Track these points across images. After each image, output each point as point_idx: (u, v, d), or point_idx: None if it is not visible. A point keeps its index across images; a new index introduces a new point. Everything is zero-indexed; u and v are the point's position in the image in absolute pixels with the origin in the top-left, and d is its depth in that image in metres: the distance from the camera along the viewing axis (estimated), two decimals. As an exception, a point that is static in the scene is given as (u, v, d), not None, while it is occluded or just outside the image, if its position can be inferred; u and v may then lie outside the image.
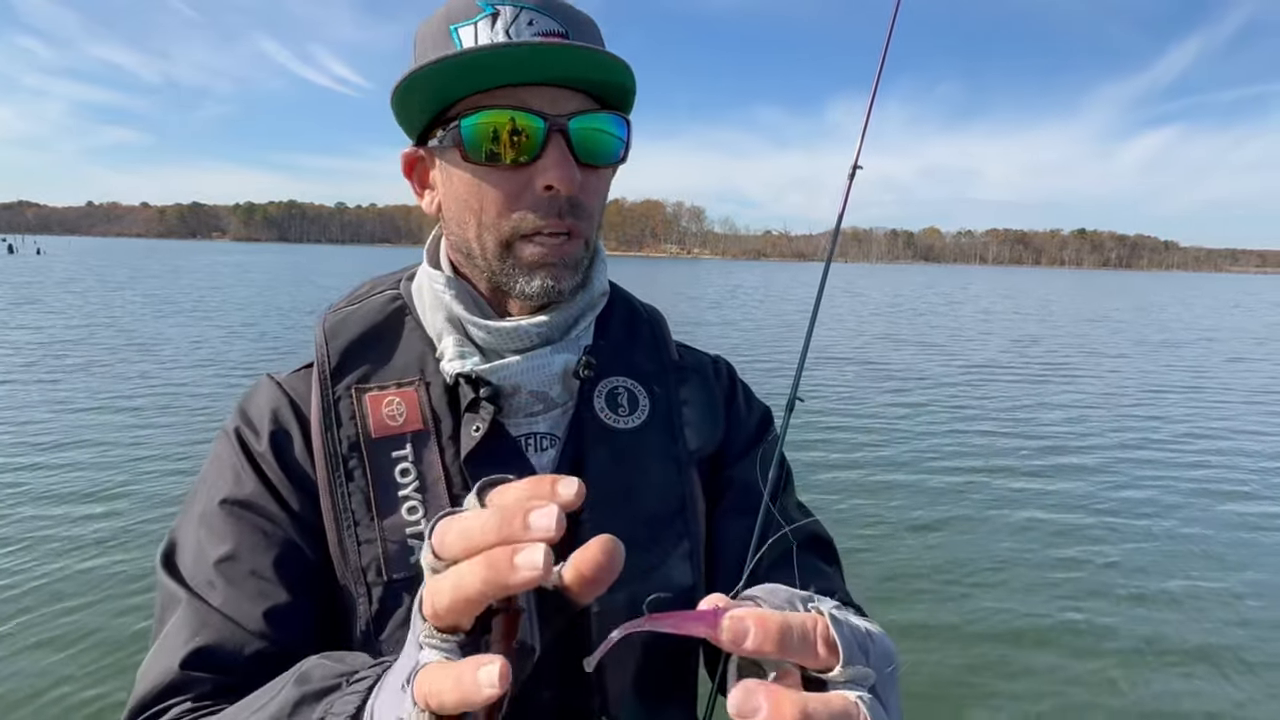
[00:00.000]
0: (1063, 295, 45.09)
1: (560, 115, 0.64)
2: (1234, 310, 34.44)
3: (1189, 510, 5.79)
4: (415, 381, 0.71)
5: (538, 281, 0.67)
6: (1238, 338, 20.31)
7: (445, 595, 0.34)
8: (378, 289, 0.78)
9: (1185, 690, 3.41)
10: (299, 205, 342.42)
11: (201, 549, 0.65)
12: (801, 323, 17.40)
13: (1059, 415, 9.15)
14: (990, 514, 5.59)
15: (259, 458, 0.68)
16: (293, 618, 0.64)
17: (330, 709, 0.45)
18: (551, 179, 0.64)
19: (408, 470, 0.67)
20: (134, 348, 12.01)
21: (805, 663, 0.36)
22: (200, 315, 17.59)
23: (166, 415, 7.70)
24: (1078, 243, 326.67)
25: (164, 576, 0.65)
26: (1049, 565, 4.72)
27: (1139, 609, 4.18)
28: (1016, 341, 17.54)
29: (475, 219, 0.67)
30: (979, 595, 4.30)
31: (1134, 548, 5.02)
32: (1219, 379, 12.48)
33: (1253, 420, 9.16)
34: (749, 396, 0.87)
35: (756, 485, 0.77)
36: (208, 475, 0.69)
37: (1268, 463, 7.22)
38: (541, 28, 0.64)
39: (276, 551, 0.65)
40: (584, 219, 0.68)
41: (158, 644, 0.62)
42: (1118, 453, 7.46)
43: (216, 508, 0.66)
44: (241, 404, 0.73)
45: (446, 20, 0.66)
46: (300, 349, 12.26)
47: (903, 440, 7.69)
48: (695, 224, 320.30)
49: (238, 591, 0.63)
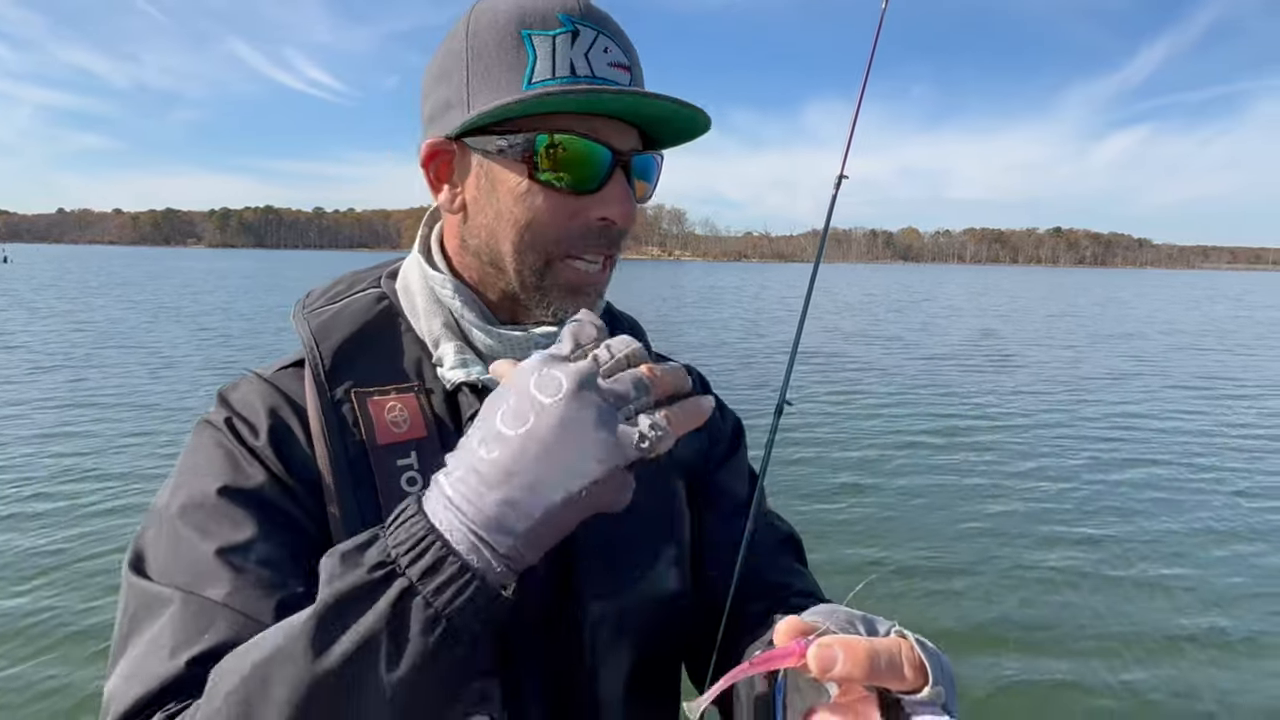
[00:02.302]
0: (1032, 292, 45.81)
1: (625, 151, 0.65)
2: (1192, 305, 35.37)
3: (1098, 477, 6.17)
4: (415, 387, 0.68)
5: (571, 306, 0.68)
6: (1184, 331, 20.99)
7: None
8: (358, 286, 0.75)
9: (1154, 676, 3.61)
10: (276, 211, 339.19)
11: (193, 543, 0.59)
12: (785, 328, 17.67)
13: (996, 398, 9.53)
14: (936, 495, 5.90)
15: (258, 450, 0.64)
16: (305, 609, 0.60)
17: (392, 542, 0.46)
18: (613, 214, 0.65)
19: (415, 479, 0.65)
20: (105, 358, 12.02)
21: (891, 685, 0.38)
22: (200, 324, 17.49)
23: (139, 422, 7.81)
24: (1053, 241, 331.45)
25: (136, 580, 0.59)
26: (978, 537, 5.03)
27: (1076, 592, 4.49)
28: (986, 335, 17.99)
29: (519, 233, 0.66)
30: (919, 579, 4.57)
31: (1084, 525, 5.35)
32: (1159, 367, 12.99)
33: (1184, 404, 9.67)
34: (722, 406, 0.88)
35: (736, 492, 0.81)
36: (192, 467, 0.64)
37: (1186, 439, 7.82)
38: (614, 58, 0.65)
39: (287, 540, 0.61)
40: (620, 249, 0.70)
41: (140, 649, 0.55)
42: (1051, 430, 7.85)
43: (213, 497, 0.61)
44: (226, 397, 0.69)
45: (519, 21, 0.63)
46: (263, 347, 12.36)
47: (871, 433, 8.00)
48: (676, 226, 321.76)
49: (245, 583, 0.57)
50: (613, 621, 0.68)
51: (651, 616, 0.71)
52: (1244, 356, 15.16)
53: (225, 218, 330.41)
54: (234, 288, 32.60)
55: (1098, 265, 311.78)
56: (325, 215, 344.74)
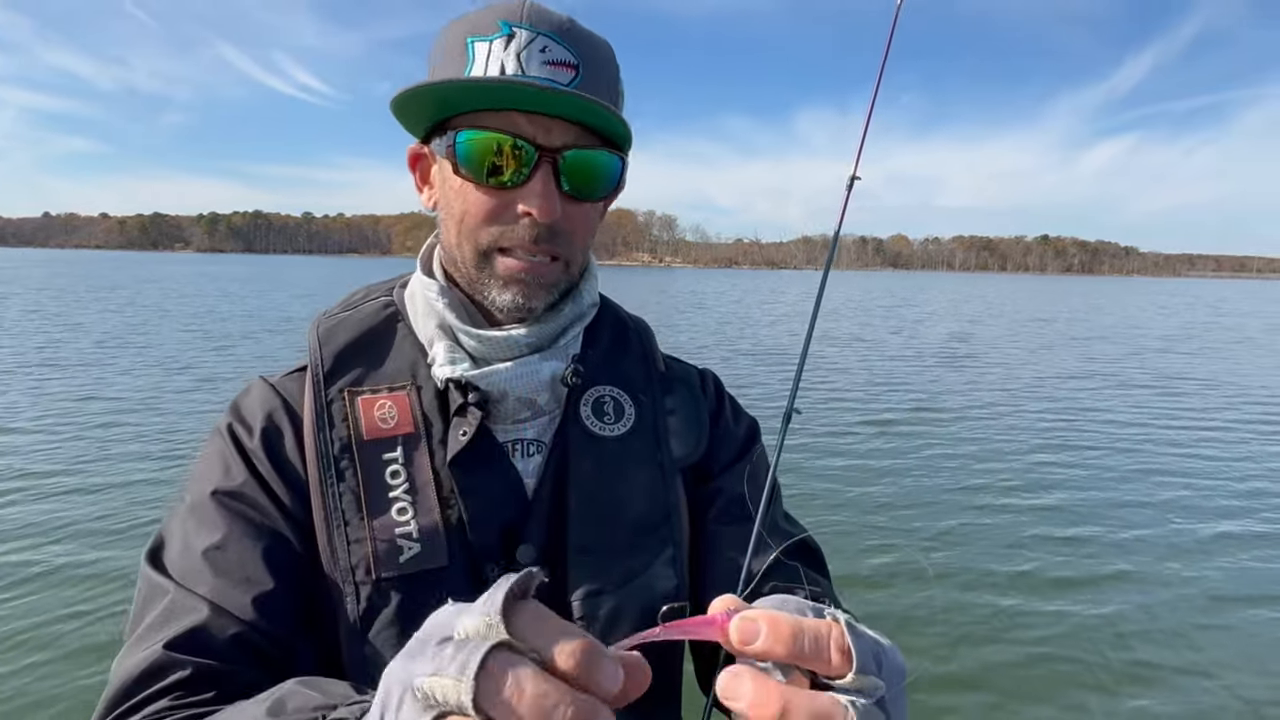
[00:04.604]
0: (1021, 302, 46.22)
1: (553, 147, 0.66)
2: (1160, 311, 35.84)
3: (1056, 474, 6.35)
4: (407, 386, 0.72)
5: (509, 295, 0.70)
6: (1150, 336, 21.32)
7: None
8: (371, 296, 0.80)
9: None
10: (265, 216, 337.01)
11: (189, 541, 0.65)
12: (772, 332, 17.75)
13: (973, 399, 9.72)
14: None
15: (250, 453, 0.69)
16: (281, 607, 0.64)
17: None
18: (532, 207, 0.66)
19: (398, 472, 0.68)
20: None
21: (817, 668, 0.35)
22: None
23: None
24: (1041, 249, 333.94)
25: (149, 570, 0.64)
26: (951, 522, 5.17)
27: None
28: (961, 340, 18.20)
29: (457, 225, 0.70)
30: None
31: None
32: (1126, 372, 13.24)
33: (1152, 407, 9.90)
34: (736, 409, 0.88)
35: (739, 495, 0.78)
36: (198, 471, 0.70)
37: (1135, 429, 7.95)
38: (553, 56, 0.66)
39: (265, 542, 0.65)
40: (564, 245, 0.70)
41: (137, 635, 0.61)
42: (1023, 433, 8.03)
43: (206, 499, 0.66)
44: (234, 402, 0.74)
45: (467, 30, 0.67)
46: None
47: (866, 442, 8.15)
48: (667, 232, 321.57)
49: (225, 580, 0.62)
50: (604, 621, 0.69)
51: (646, 616, 0.71)
52: (1197, 358, 15.44)
53: (214, 222, 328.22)
54: (247, 291, 32.44)
55: (1085, 273, 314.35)
56: (314, 220, 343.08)
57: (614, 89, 0.73)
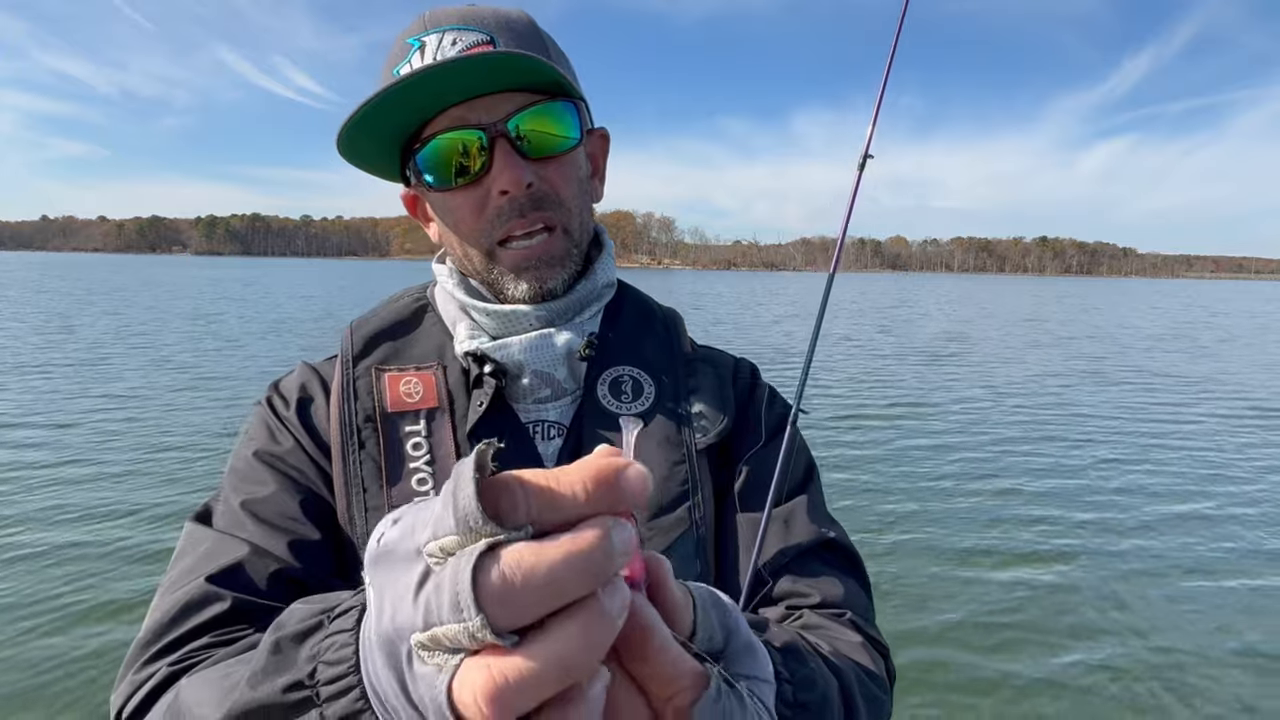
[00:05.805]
0: (1018, 305, 46.23)
1: (498, 120, 0.66)
2: (1151, 311, 35.97)
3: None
4: (434, 365, 0.74)
5: (524, 284, 0.72)
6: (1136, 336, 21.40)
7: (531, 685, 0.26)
8: (408, 294, 0.84)
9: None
10: (263, 218, 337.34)
11: (228, 497, 0.68)
12: (771, 332, 17.78)
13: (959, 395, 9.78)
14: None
15: (286, 420, 0.73)
16: (318, 552, 0.66)
17: (320, 655, 0.37)
18: (503, 184, 0.67)
19: (420, 444, 0.70)
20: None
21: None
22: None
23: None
24: (1040, 250, 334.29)
25: (190, 525, 0.67)
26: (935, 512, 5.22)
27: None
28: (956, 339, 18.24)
29: (457, 236, 0.72)
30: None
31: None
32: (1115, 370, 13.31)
33: (1131, 401, 10.01)
34: (772, 397, 0.85)
35: (760, 483, 0.76)
36: (243, 438, 0.74)
37: (1111, 419, 8.05)
38: (467, 42, 0.66)
39: (303, 496, 0.69)
40: (554, 208, 0.70)
41: (172, 579, 0.62)
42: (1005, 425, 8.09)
43: (247, 459, 0.71)
44: (276, 381, 0.79)
45: (391, 63, 0.70)
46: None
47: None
48: (665, 234, 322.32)
49: (265, 527, 0.65)
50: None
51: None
52: (1184, 356, 15.52)
53: (212, 225, 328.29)
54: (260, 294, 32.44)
55: (1083, 274, 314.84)
56: (313, 223, 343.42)
57: (537, 44, 0.72)
